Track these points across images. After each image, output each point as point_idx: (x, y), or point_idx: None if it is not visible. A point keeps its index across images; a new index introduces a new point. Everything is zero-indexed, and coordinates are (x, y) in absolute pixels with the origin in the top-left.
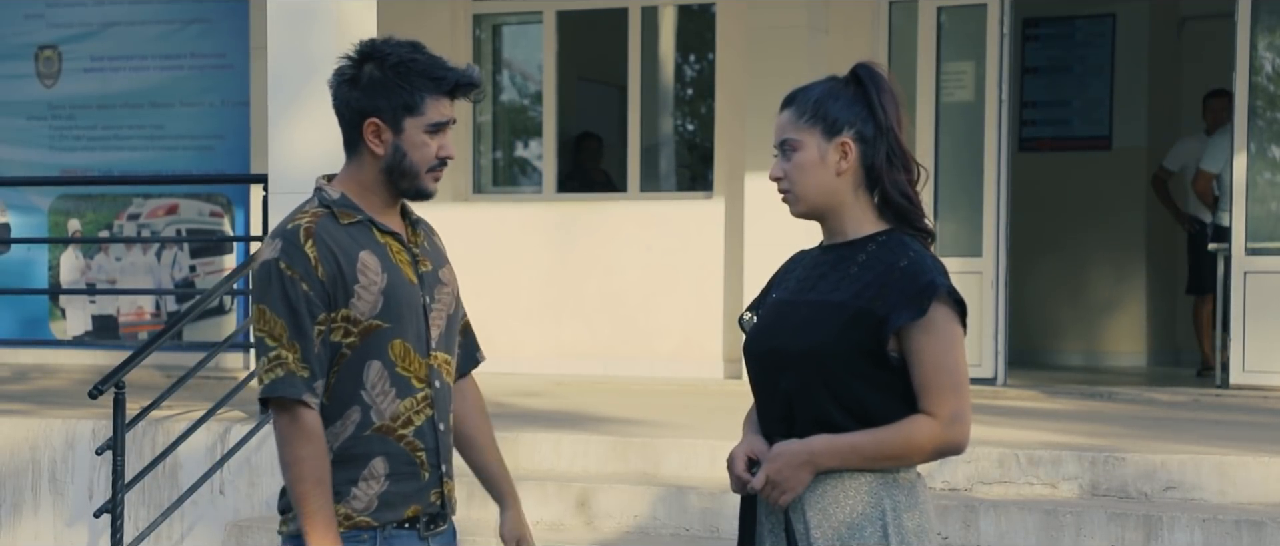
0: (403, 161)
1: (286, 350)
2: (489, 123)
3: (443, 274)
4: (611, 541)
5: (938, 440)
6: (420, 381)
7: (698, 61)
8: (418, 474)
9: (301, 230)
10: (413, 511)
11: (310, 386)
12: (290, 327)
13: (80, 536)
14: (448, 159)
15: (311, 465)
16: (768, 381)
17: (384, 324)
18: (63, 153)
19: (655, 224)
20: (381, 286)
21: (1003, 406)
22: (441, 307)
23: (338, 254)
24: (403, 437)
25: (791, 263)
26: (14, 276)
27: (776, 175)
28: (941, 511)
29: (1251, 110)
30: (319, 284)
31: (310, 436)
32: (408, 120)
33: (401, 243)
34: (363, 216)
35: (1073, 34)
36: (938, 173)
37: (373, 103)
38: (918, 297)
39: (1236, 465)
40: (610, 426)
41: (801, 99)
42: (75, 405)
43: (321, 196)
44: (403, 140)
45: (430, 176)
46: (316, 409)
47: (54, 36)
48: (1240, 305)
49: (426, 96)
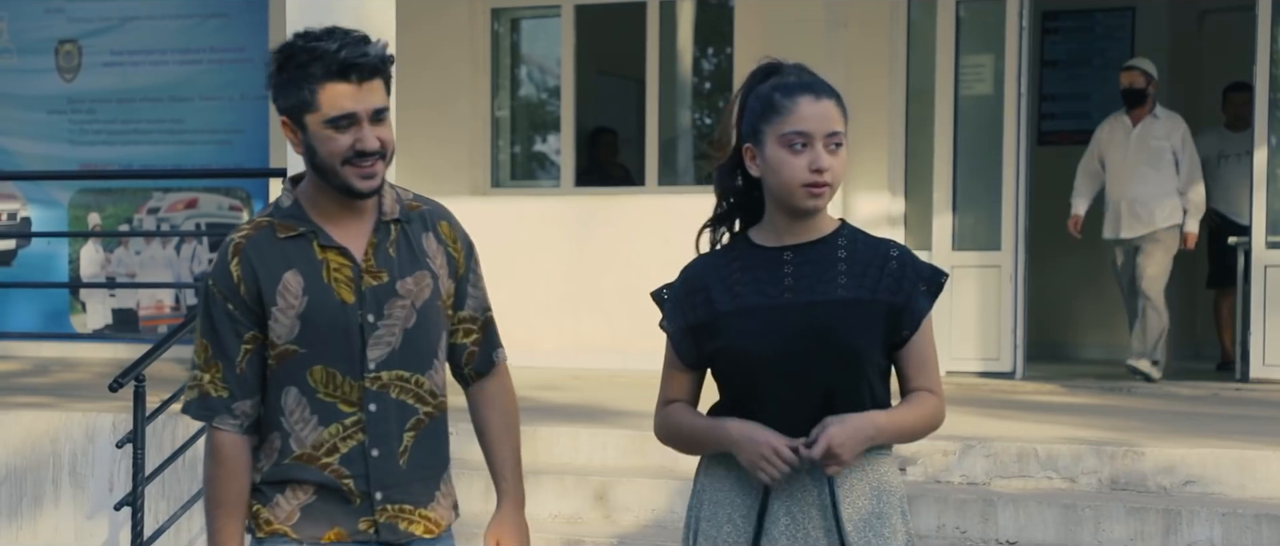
0: (315, 159)
1: (204, 371)
2: (507, 117)
3: (404, 285)
4: (630, 534)
5: (942, 415)
6: (350, 405)
7: (716, 55)
8: (347, 499)
9: (231, 247)
10: (334, 534)
11: (228, 407)
12: (212, 347)
13: (100, 529)
14: (367, 152)
15: (215, 487)
16: (793, 382)
17: (299, 349)
18: (83, 147)
19: (673, 217)
20: (299, 310)
21: (1021, 401)
22: (393, 323)
23: (260, 274)
24: (326, 466)
25: (715, 267)
26: (35, 270)
27: (824, 167)
28: (960, 505)
29: (1272, 103)
30: (242, 302)
31: (219, 458)
32: (307, 117)
33: (346, 257)
34: (306, 228)
35: (1092, 27)
36: (956, 166)
37: (279, 102)
38: (932, 286)
39: (1256, 459)
40: (629, 420)
41: (833, 93)
42: (96, 398)
43: (276, 203)
44: (310, 137)
45: (351, 170)
46: (235, 429)
47: (74, 31)
48: (1260, 299)
49: (318, 88)
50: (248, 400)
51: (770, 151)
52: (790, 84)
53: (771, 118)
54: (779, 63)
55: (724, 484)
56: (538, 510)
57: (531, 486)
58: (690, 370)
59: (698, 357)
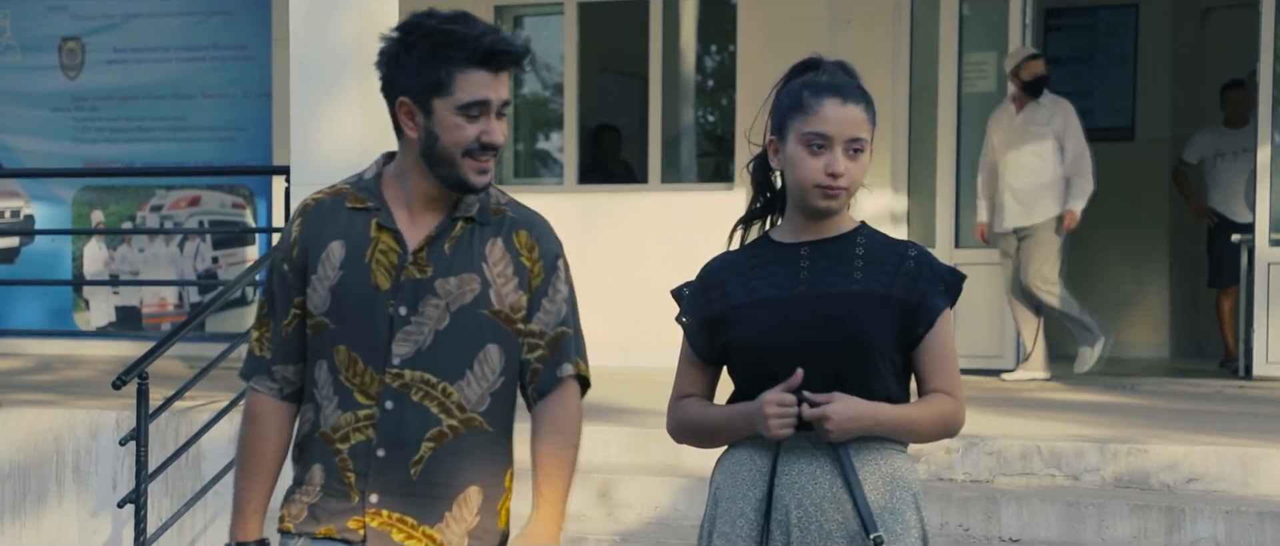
0: (434, 146)
1: (256, 328)
2: (510, 114)
3: (444, 284)
4: (633, 532)
5: (959, 420)
6: (367, 398)
7: (719, 52)
8: (346, 494)
9: (302, 207)
10: (325, 530)
11: (268, 368)
12: (267, 305)
13: (104, 526)
14: (490, 145)
15: (243, 448)
16: (805, 372)
17: (329, 323)
18: (86, 144)
19: (676, 215)
20: (332, 282)
21: (1025, 398)
22: (424, 320)
23: (314, 239)
24: (338, 452)
25: (736, 264)
26: (38, 268)
27: (839, 171)
28: (963, 502)
29: (1275, 100)
30: (295, 264)
31: (249, 417)
32: (436, 101)
33: (398, 242)
34: (375, 203)
35: (1095, 24)
36: (959, 164)
37: (402, 81)
38: (950, 287)
39: (1260, 457)
40: (631, 417)
41: (864, 98)
42: (99, 396)
43: (360, 173)
44: (434, 122)
45: (470, 163)
46: (273, 393)
47: (77, 29)
48: (1264, 296)
49: (456, 72)
50: (289, 366)
51: (791, 148)
52: (821, 84)
53: (796, 115)
54: (819, 59)
55: (739, 481)
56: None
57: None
58: (705, 365)
59: (712, 351)
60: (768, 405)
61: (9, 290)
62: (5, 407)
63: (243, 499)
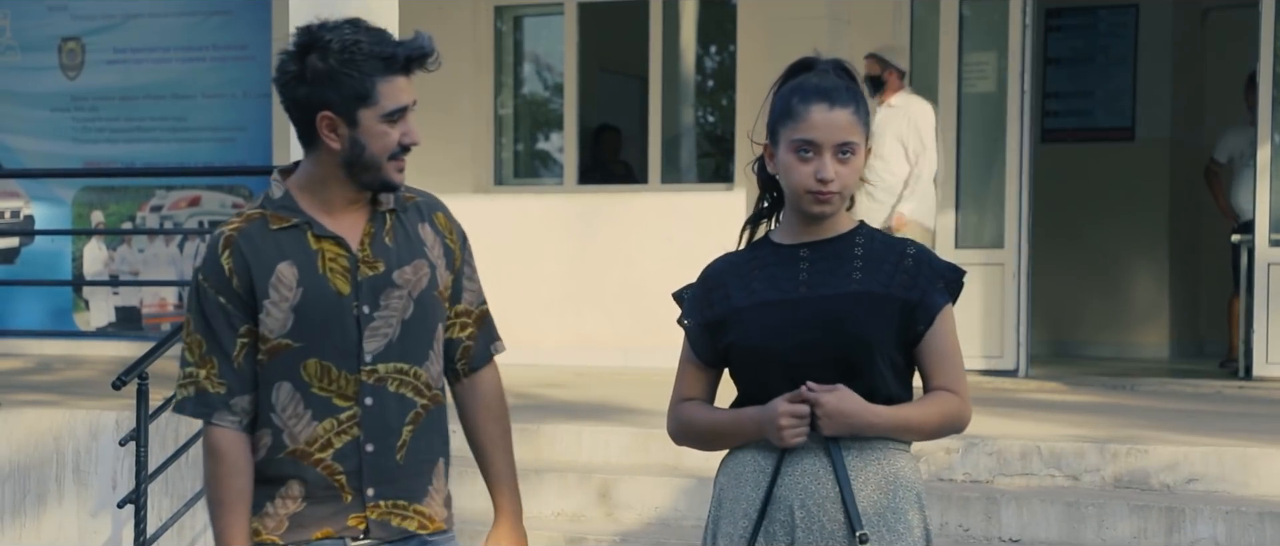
0: (362, 154)
1: (199, 367)
2: (510, 115)
3: (402, 275)
4: (633, 532)
5: (964, 416)
6: (345, 399)
7: (718, 53)
8: (337, 497)
9: (222, 239)
10: (322, 533)
11: (227, 403)
12: (206, 342)
13: (104, 526)
14: (411, 146)
15: (217, 486)
16: (804, 374)
17: (293, 343)
18: (86, 145)
19: (676, 215)
20: (293, 302)
21: (1025, 398)
22: (390, 313)
23: (253, 266)
24: (320, 461)
25: (736, 266)
26: (38, 268)
27: (829, 177)
28: (963, 503)
29: (1275, 100)
30: (235, 295)
31: (218, 455)
32: (362, 111)
33: (342, 246)
34: (300, 219)
35: (1095, 24)
36: (960, 164)
37: (322, 95)
38: (951, 283)
39: (1259, 457)
40: (632, 417)
41: (854, 100)
42: (99, 396)
43: (266, 194)
44: (360, 132)
45: (393, 165)
46: (234, 425)
47: (77, 29)
48: (1264, 297)
49: (379, 81)
50: (245, 396)
51: (782, 155)
52: (809, 88)
53: (785, 122)
54: (815, 59)
55: (742, 482)
56: (540, 508)
57: (534, 484)
58: (706, 368)
59: (713, 354)
60: (782, 416)
61: (9, 290)
62: (5, 408)
63: (229, 535)
